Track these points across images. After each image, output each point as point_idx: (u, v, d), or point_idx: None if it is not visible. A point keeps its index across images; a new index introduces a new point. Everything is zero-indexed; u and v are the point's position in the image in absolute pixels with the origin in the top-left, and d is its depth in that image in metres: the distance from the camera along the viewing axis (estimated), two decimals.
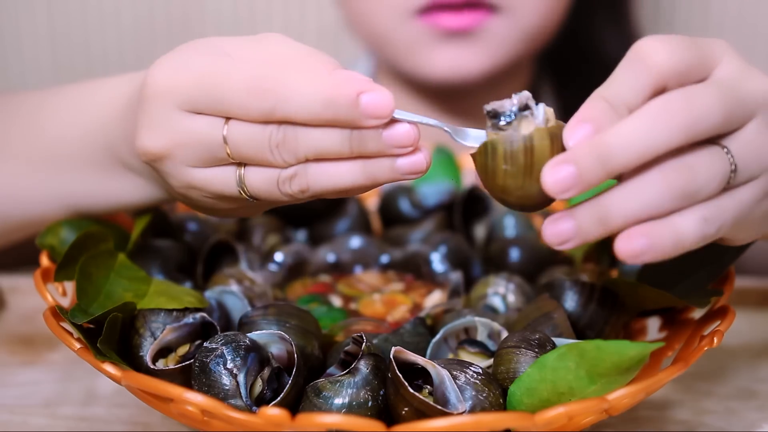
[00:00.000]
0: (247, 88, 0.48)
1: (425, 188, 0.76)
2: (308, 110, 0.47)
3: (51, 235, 0.60)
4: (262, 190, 0.50)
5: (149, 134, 0.51)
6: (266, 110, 0.48)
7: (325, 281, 0.66)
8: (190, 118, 0.50)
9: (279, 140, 0.48)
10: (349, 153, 0.48)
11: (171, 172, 0.52)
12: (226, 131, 0.49)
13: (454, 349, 0.55)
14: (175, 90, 0.50)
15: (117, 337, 0.53)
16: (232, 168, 0.50)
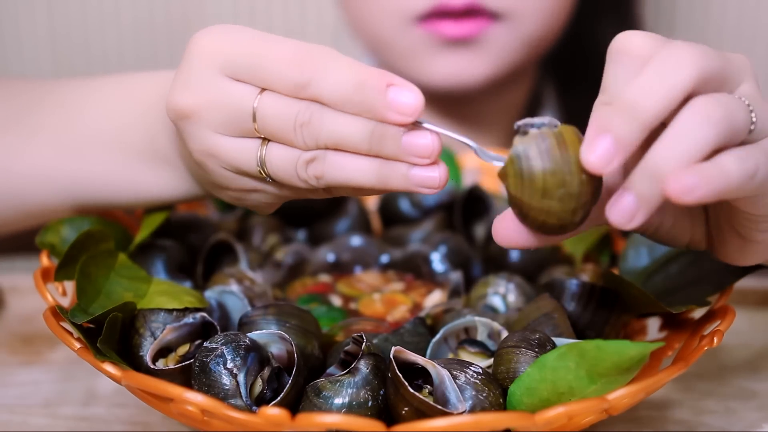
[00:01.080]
0: (288, 58, 0.49)
1: None
2: (340, 90, 0.48)
3: (51, 234, 0.60)
4: (280, 170, 0.51)
5: (183, 91, 0.52)
6: (302, 83, 0.49)
7: (325, 281, 0.66)
8: (227, 82, 0.51)
9: (305, 119, 0.49)
10: (367, 149, 0.49)
11: (195, 133, 0.52)
12: (258, 102, 0.50)
13: (454, 349, 0.55)
14: (218, 52, 0.51)
15: (117, 337, 0.53)
16: (255, 143, 0.51)
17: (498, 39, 0.91)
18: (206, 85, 0.51)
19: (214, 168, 0.53)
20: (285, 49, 0.50)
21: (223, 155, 0.52)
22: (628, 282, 0.56)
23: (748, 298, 0.77)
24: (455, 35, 0.89)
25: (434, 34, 0.90)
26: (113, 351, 0.51)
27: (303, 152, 0.50)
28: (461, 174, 0.80)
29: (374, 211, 0.77)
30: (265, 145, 0.51)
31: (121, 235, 0.61)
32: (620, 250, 0.68)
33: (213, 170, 0.53)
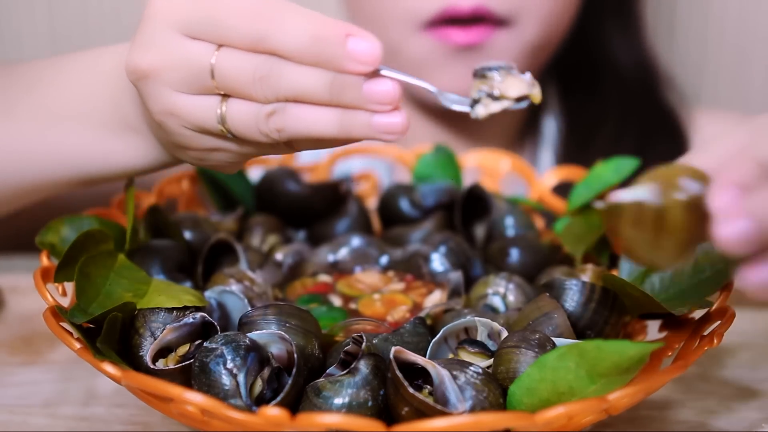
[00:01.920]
0: (243, 12, 0.49)
1: (425, 188, 0.76)
2: (297, 42, 0.48)
3: (51, 234, 0.60)
4: (240, 125, 0.51)
5: (141, 51, 0.52)
6: (258, 36, 0.49)
7: (325, 281, 0.66)
8: (184, 40, 0.51)
9: (264, 73, 0.49)
10: (328, 99, 0.49)
11: (154, 93, 0.52)
12: (215, 58, 0.50)
13: (454, 349, 0.55)
14: (173, 11, 0.51)
15: (117, 337, 0.53)
16: (215, 99, 0.51)
17: (504, 46, 0.91)
18: (163, 44, 0.51)
19: (175, 127, 0.53)
20: (240, 3, 0.49)
21: (183, 113, 0.52)
22: (628, 283, 0.56)
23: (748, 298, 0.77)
24: (464, 42, 0.89)
25: (443, 41, 0.89)
26: (113, 351, 0.51)
27: (263, 106, 0.50)
28: (461, 174, 0.80)
29: (374, 211, 0.77)
30: (225, 101, 0.51)
31: (120, 235, 0.61)
32: None
33: (174, 130, 0.53)
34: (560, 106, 1.08)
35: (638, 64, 1.07)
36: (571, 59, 1.08)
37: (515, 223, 0.72)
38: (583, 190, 0.73)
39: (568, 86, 1.09)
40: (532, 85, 0.49)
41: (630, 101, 1.05)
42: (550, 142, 1.05)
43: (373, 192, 0.81)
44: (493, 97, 0.49)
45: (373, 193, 0.81)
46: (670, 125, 1.04)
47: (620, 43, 1.07)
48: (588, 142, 1.02)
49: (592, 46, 1.07)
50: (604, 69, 1.07)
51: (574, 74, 1.09)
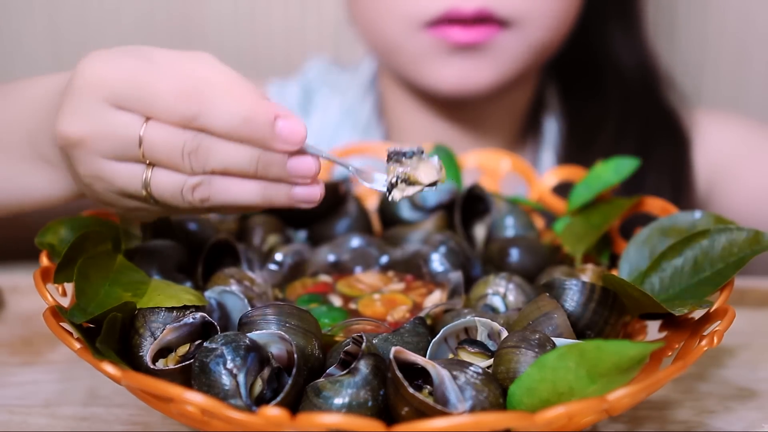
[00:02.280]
0: (175, 92, 0.51)
1: None
2: (228, 123, 0.51)
3: (50, 234, 0.60)
4: (165, 193, 0.53)
5: (71, 120, 0.53)
6: (189, 116, 0.51)
7: (325, 281, 0.66)
8: (113, 111, 0.53)
9: (193, 148, 0.52)
10: (253, 173, 0.52)
11: (82, 160, 0.54)
12: (144, 130, 0.52)
13: (454, 349, 0.55)
14: (104, 83, 0.52)
15: (117, 337, 0.53)
16: (140, 167, 0.53)
17: (506, 46, 0.91)
18: (92, 114, 0.53)
19: (102, 190, 0.55)
20: (171, 82, 0.51)
21: (109, 179, 0.54)
22: (628, 283, 0.56)
23: (748, 298, 0.77)
24: (464, 41, 0.89)
25: (443, 39, 0.89)
26: (113, 351, 0.51)
27: (189, 177, 0.53)
28: (461, 174, 0.80)
29: (374, 211, 0.77)
30: (151, 169, 0.53)
31: (118, 236, 0.61)
32: (620, 251, 0.68)
33: (101, 192, 0.55)
34: (561, 107, 1.08)
35: (639, 64, 1.07)
36: (572, 60, 1.08)
37: (515, 223, 0.72)
38: (583, 190, 0.73)
39: (569, 87, 1.09)
40: (440, 169, 0.55)
41: (631, 102, 1.05)
42: (551, 142, 1.06)
43: (373, 192, 0.81)
44: (408, 182, 0.55)
45: (373, 194, 0.81)
46: (670, 126, 1.04)
47: (622, 44, 1.07)
48: (589, 143, 1.02)
49: (593, 46, 1.08)
50: (605, 69, 1.07)
51: (575, 75, 1.09)
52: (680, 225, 0.62)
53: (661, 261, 0.60)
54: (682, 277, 0.59)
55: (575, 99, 1.08)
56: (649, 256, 0.62)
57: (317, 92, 1.10)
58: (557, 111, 1.08)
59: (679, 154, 1.03)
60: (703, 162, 1.04)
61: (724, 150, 1.04)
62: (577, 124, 1.06)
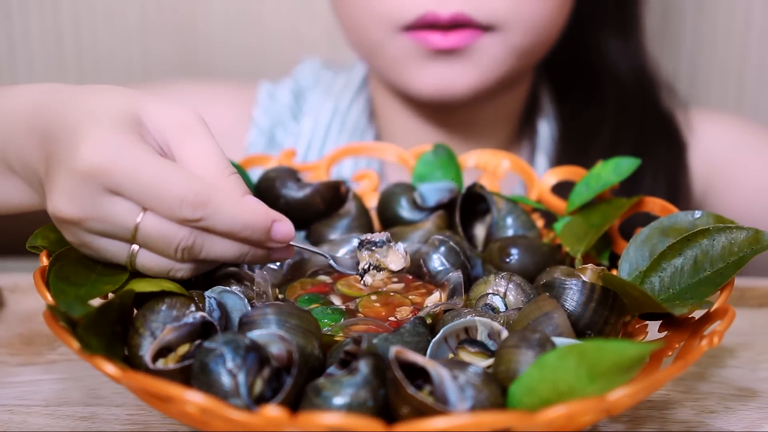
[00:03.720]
0: (181, 197, 0.53)
1: (425, 188, 0.76)
2: (229, 227, 0.55)
3: (40, 239, 0.60)
4: (150, 270, 0.57)
5: (67, 202, 0.54)
6: (192, 219, 0.54)
7: (325, 281, 0.66)
8: (111, 198, 0.54)
9: (188, 244, 0.55)
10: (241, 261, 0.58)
11: (71, 232, 0.56)
12: (141, 219, 0.54)
13: (454, 349, 0.55)
14: (106, 173, 0.53)
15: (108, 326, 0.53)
16: (126, 243, 0.56)
17: (487, 50, 0.90)
18: (90, 200, 0.53)
19: (88, 254, 0.57)
20: (178, 186, 0.53)
21: (96, 250, 0.56)
22: (629, 283, 0.56)
23: (748, 298, 0.77)
24: (442, 46, 0.89)
25: (421, 43, 0.89)
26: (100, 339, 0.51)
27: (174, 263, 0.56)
28: (461, 174, 0.80)
29: (374, 211, 0.77)
30: (138, 248, 0.56)
31: None
32: (620, 251, 0.68)
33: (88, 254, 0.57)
34: (556, 111, 1.07)
35: (636, 70, 1.06)
36: (568, 64, 1.08)
37: (515, 223, 0.72)
38: (582, 190, 0.73)
39: (565, 91, 1.09)
40: (406, 255, 0.62)
41: (627, 107, 1.05)
42: (545, 146, 1.05)
43: (373, 192, 0.81)
44: (378, 269, 0.62)
45: (373, 194, 0.81)
46: (667, 130, 1.04)
47: (618, 49, 1.06)
48: (584, 148, 1.02)
49: (590, 51, 1.07)
50: (601, 75, 1.07)
51: (571, 79, 1.09)
52: (680, 225, 0.62)
53: (661, 261, 0.60)
54: (682, 277, 0.59)
55: (571, 104, 1.07)
56: (649, 256, 0.62)
57: (308, 95, 1.10)
58: (550, 115, 1.07)
59: (676, 159, 1.03)
60: (699, 163, 1.04)
61: (719, 150, 1.04)
62: (573, 129, 1.05)
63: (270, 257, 0.59)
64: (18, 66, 1.40)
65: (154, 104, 0.57)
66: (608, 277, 0.58)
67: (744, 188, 1.02)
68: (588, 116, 1.05)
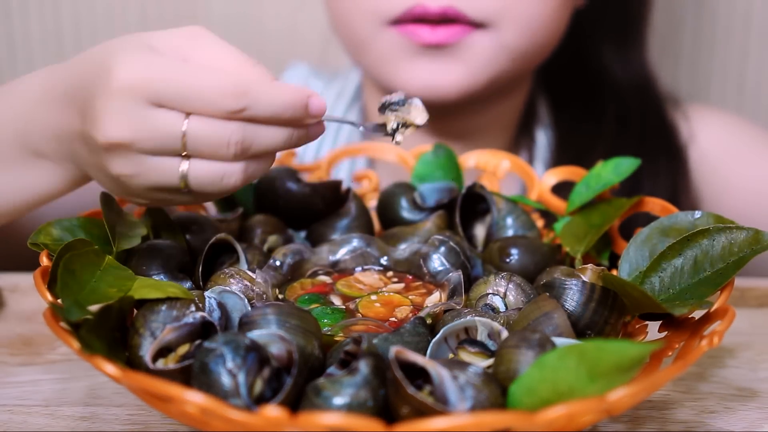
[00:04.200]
0: (220, 89, 0.54)
1: (425, 188, 0.76)
2: (272, 111, 0.55)
3: (43, 236, 0.60)
4: (204, 182, 0.56)
5: (113, 123, 0.55)
6: (236, 110, 0.54)
7: (325, 281, 0.66)
8: (155, 111, 0.55)
9: (239, 138, 0.55)
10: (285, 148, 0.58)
11: (124, 159, 0.56)
12: (187, 126, 0.55)
13: (454, 349, 0.55)
14: (144, 83, 0.54)
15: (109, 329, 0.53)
16: (177, 160, 0.56)
17: (477, 48, 0.88)
18: (135, 116, 0.54)
19: (135, 186, 0.57)
20: (215, 80, 0.54)
21: (146, 175, 0.56)
22: (629, 283, 0.56)
23: (748, 298, 0.77)
24: (430, 41, 0.87)
25: (409, 37, 0.88)
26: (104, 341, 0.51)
27: (226, 165, 0.56)
28: (461, 174, 0.80)
29: (374, 211, 0.77)
30: (188, 161, 0.56)
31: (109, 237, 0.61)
32: (620, 251, 0.68)
33: (133, 188, 0.57)
34: (553, 122, 1.06)
35: (637, 83, 1.05)
36: (567, 75, 1.07)
37: (515, 223, 0.72)
38: (582, 190, 0.73)
39: (563, 103, 1.07)
40: (424, 108, 0.62)
41: (627, 121, 1.04)
42: (542, 156, 1.04)
43: (373, 192, 0.81)
44: (405, 126, 0.62)
45: (373, 193, 0.81)
46: (668, 145, 1.03)
47: (620, 62, 1.05)
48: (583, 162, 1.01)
49: (590, 63, 1.06)
50: (602, 87, 1.05)
51: (569, 91, 1.07)
52: (680, 225, 0.62)
53: (661, 261, 0.60)
54: (682, 277, 0.59)
55: (569, 116, 1.06)
56: (649, 256, 0.62)
57: None
58: (549, 124, 1.06)
59: (675, 169, 1.02)
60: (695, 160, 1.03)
61: (715, 152, 1.03)
62: (571, 142, 1.04)
63: (309, 137, 0.59)
64: (18, 66, 1.40)
65: (158, 32, 0.58)
66: (608, 277, 0.58)
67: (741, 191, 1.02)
68: (586, 129, 1.04)
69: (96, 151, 0.57)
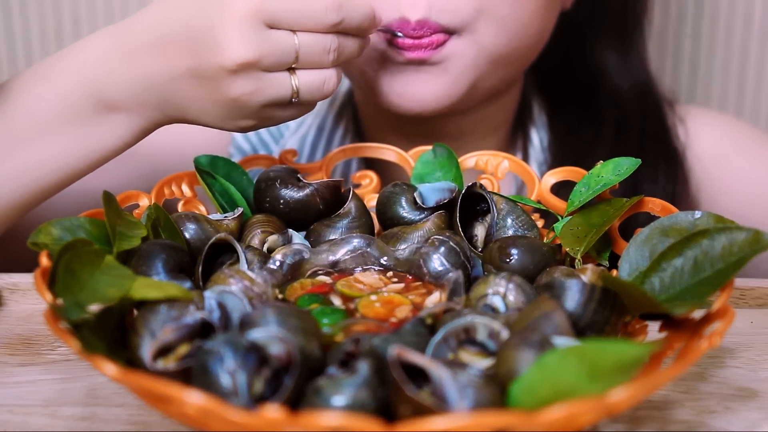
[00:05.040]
0: (324, 7, 0.67)
1: (425, 188, 0.76)
2: (360, 21, 0.70)
3: (43, 235, 0.60)
4: (310, 87, 0.69)
5: (241, 46, 0.65)
6: (336, 22, 0.68)
7: (325, 282, 0.66)
8: (272, 31, 0.66)
9: (336, 46, 0.69)
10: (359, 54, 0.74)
11: (247, 78, 0.66)
12: (297, 41, 0.67)
13: (454, 349, 0.55)
14: (260, 9, 0.65)
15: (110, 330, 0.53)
16: (286, 74, 0.68)
17: (457, 54, 0.86)
18: (258, 37, 0.65)
19: (253, 104, 0.68)
20: (315, 1, 0.67)
21: (264, 90, 0.67)
22: (628, 283, 0.56)
23: (748, 298, 0.77)
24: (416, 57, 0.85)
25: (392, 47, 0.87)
26: (104, 342, 0.51)
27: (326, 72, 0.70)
28: (461, 173, 0.80)
29: (374, 211, 0.77)
30: (294, 74, 0.68)
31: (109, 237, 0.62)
32: (620, 251, 0.68)
33: (250, 106, 0.68)
34: (547, 122, 1.05)
35: (637, 87, 1.04)
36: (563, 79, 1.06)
37: (515, 223, 0.72)
38: (582, 190, 0.73)
39: (559, 107, 1.06)
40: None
41: (626, 126, 1.03)
42: (535, 156, 1.04)
43: (373, 192, 0.81)
44: None
45: (373, 194, 0.81)
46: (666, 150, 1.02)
47: (618, 65, 1.04)
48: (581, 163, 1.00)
49: (587, 66, 1.05)
50: (599, 91, 1.05)
51: (566, 95, 1.06)
52: (680, 225, 0.62)
53: (661, 261, 0.60)
54: (682, 277, 0.59)
55: (566, 121, 1.05)
56: (649, 256, 0.62)
57: None
58: (543, 126, 1.05)
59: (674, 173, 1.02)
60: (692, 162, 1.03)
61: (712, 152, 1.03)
62: (567, 147, 1.03)
63: (366, 45, 0.75)
64: (18, 66, 1.40)
65: None
66: (608, 277, 0.58)
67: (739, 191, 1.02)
68: (584, 135, 1.03)
69: (214, 80, 0.66)
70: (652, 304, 0.56)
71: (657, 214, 0.68)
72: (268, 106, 0.68)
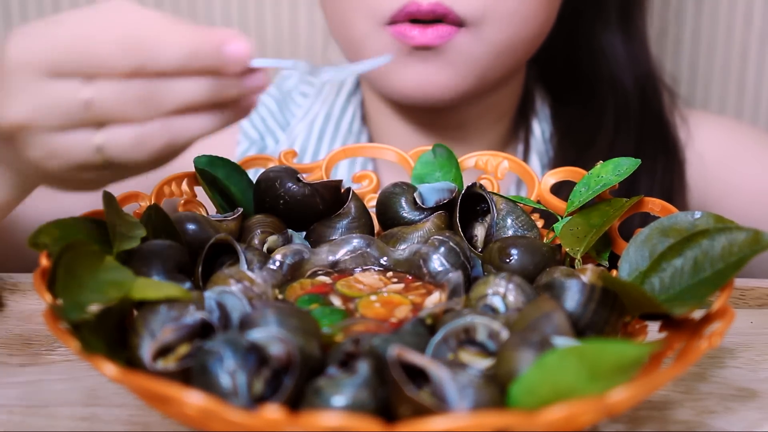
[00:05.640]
0: (116, 46, 0.50)
1: (425, 188, 0.75)
2: (176, 61, 0.51)
3: (43, 236, 0.60)
4: (122, 147, 0.52)
5: (12, 104, 0.52)
6: (136, 65, 0.50)
7: (325, 282, 0.66)
8: (52, 82, 0.51)
9: (147, 94, 0.51)
10: (213, 102, 0.53)
11: (33, 141, 0.53)
12: (92, 91, 0.51)
13: (454, 349, 0.55)
14: (37, 57, 0.51)
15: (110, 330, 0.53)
16: (90, 131, 0.52)
17: (463, 48, 0.88)
18: (31, 91, 0.52)
19: (57, 168, 0.54)
20: (108, 38, 0.51)
21: (62, 153, 0.53)
22: (628, 283, 0.56)
23: (748, 298, 0.77)
24: (421, 42, 0.87)
25: (401, 39, 0.88)
26: (103, 343, 0.51)
27: (146, 124, 0.52)
28: (461, 173, 0.80)
29: (374, 211, 0.77)
30: (102, 130, 0.52)
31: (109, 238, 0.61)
32: (620, 251, 0.67)
33: (56, 171, 0.55)
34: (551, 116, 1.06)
35: (639, 76, 1.05)
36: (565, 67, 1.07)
37: (515, 224, 0.72)
38: (582, 190, 0.73)
39: (561, 96, 1.07)
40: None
41: (627, 116, 1.04)
42: (537, 147, 1.04)
43: (373, 192, 0.81)
44: None
45: (373, 194, 0.81)
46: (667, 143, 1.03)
47: (621, 53, 1.05)
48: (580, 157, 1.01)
49: (589, 55, 1.06)
50: (601, 80, 1.05)
51: (567, 83, 1.07)
52: (680, 225, 0.62)
53: (661, 261, 0.60)
54: (682, 277, 0.59)
55: (567, 110, 1.06)
56: (649, 256, 0.62)
57: (295, 100, 1.09)
58: (545, 116, 1.06)
59: (673, 168, 1.02)
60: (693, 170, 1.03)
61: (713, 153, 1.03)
62: (568, 137, 1.04)
63: (243, 86, 0.54)
64: None
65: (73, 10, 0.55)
66: (608, 277, 0.58)
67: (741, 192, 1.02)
68: (585, 125, 1.04)
69: (7, 142, 0.55)
70: (651, 305, 0.56)
71: (657, 214, 0.68)
72: (79, 170, 0.54)
